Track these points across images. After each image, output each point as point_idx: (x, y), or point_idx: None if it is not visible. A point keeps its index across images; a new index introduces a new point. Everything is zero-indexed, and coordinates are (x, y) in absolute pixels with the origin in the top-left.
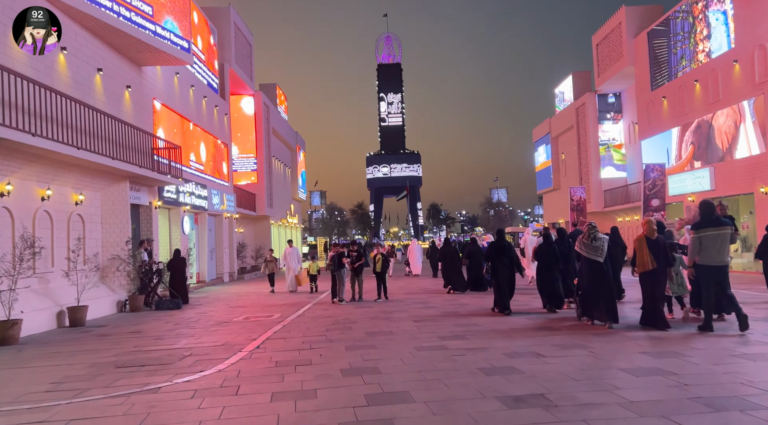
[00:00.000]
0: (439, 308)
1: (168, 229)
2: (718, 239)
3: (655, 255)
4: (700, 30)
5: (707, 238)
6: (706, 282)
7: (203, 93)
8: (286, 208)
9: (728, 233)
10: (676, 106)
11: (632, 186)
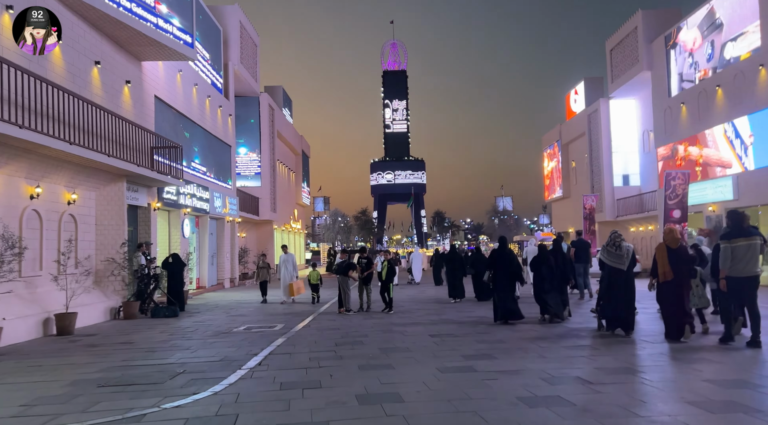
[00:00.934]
0: (456, 321)
1: (168, 232)
2: (749, 250)
3: (675, 265)
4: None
5: (738, 249)
6: (732, 293)
7: (207, 92)
8: (289, 212)
9: (758, 243)
10: (697, 113)
11: (646, 195)
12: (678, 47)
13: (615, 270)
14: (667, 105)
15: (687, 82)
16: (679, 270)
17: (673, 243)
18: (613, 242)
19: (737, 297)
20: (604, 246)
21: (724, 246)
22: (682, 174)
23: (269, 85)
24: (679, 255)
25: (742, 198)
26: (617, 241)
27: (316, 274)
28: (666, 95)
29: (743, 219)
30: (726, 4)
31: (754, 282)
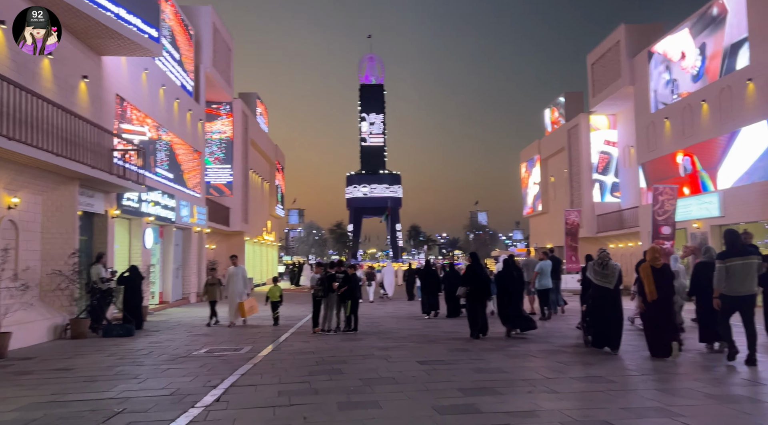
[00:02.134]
0: (442, 342)
1: (128, 242)
2: (744, 268)
3: (659, 284)
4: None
5: (734, 268)
6: (726, 312)
7: (176, 94)
8: (262, 224)
9: (755, 262)
10: (681, 128)
11: (626, 211)
12: (659, 60)
13: (602, 288)
14: (650, 120)
15: (672, 96)
16: (664, 289)
17: (656, 262)
18: (600, 261)
19: (726, 315)
20: (590, 265)
21: (718, 266)
22: (670, 188)
23: (244, 91)
24: (663, 273)
25: (728, 214)
26: (605, 260)
27: (278, 290)
28: (649, 110)
29: (738, 239)
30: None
31: (750, 301)
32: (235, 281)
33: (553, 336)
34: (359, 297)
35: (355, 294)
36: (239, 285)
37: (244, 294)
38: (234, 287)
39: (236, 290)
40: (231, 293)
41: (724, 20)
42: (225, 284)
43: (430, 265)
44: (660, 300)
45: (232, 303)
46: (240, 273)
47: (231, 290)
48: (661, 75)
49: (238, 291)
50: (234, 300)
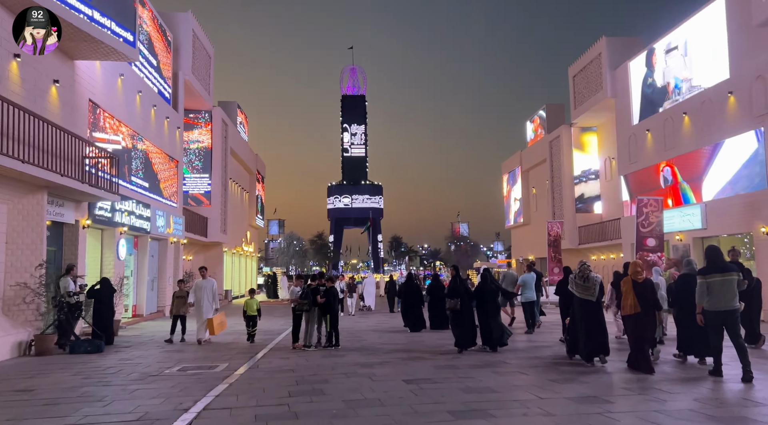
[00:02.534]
0: (429, 359)
1: (100, 254)
2: (725, 284)
3: (641, 298)
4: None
5: (714, 284)
6: (714, 327)
7: (152, 101)
8: (241, 234)
9: (735, 279)
10: (662, 141)
11: (608, 223)
12: (643, 74)
13: (584, 301)
14: (632, 132)
15: (653, 109)
16: (645, 303)
17: (636, 276)
18: (582, 273)
19: (715, 330)
20: (571, 278)
21: (700, 282)
22: (654, 200)
23: (224, 100)
24: (644, 287)
25: (710, 227)
26: (585, 273)
27: (255, 303)
28: (630, 122)
29: (719, 255)
30: (692, 31)
31: (732, 316)
32: (203, 295)
33: (538, 349)
34: (338, 311)
35: (333, 307)
36: (208, 299)
37: (212, 309)
38: (202, 301)
39: (204, 304)
40: (198, 308)
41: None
42: (192, 298)
43: (412, 278)
44: (642, 314)
45: (200, 319)
46: (209, 287)
47: (198, 305)
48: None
49: (207, 306)
50: (202, 316)
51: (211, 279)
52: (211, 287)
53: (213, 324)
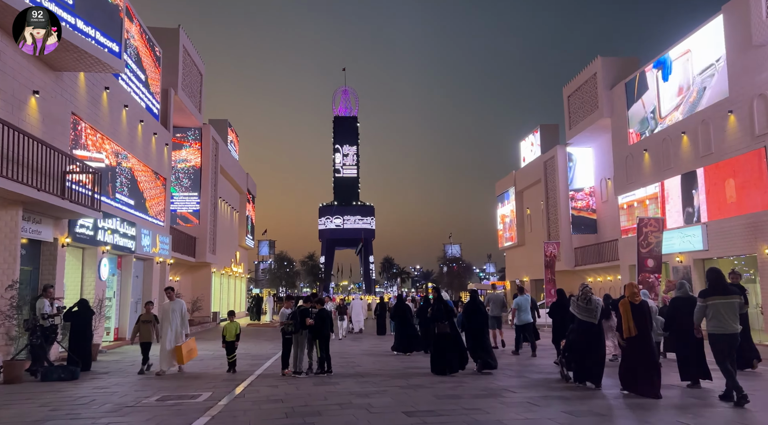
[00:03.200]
0: (428, 387)
1: (80, 274)
2: (727, 307)
3: (638, 320)
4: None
5: (715, 307)
6: (720, 350)
7: (140, 116)
8: (231, 255)
9: (736, 302)
10: (660, 160)
11: (604, 244)
12: (640, 94)
13: (586, 323)
14: (629, 152)
15: (651, 128)
16: (643, 325)
17: (635, 298)
18: (584, 296)
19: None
20: (574, 300)
21: (700, 304)
22: (655, 220)
23: (214, 118)
24: (642, 309)
25: (712, 248)
26: (588, 295)
27: (235, 328)
28: (626, 142)
29: (720, 278)
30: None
31: (734, 339)
32: (171, 319)
33: (536, 374)
34: (329, 335)
35: (324, 331)
36: (175, 324)
37: (182, 336)
38: (169, 327)
39: (171, 330)
40: (164, 334)
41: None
42: (159, 322)
43: (402, 300)
44: (639, 336)
45: (164, 347)
46: (178, 309)
47: (165, 330)
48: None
49: (174, 332)
50: (169, 343)
51: (180, 300)
52: (180, 310)
53: (182, 352)
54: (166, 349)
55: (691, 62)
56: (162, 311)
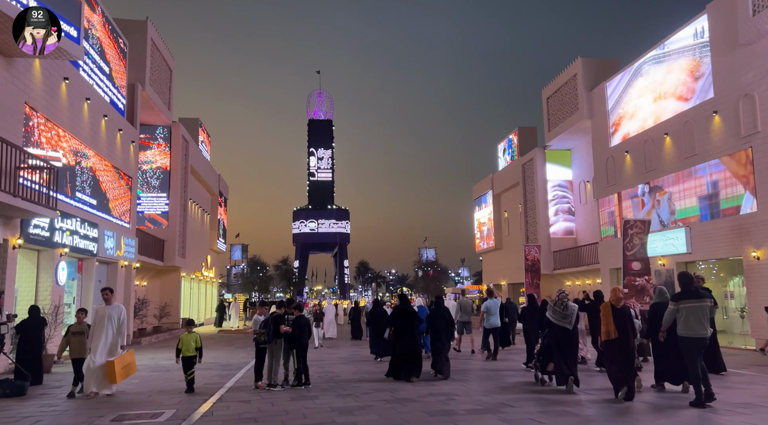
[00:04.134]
0: (417, 401)
1: (35, 278)
2: (699, 311)
3: (620, 324)
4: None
5: (687, 310)
6: (690, 354)
7: (103, 111)
8: (201, 259)
9: (708, 305)
10: (642, 162)
11: (583, 248)
12: (620, 95)
13: (561, 328)
14: (609, 154)
15: (632, 130)
16: (624, 329)
17: (617, 302)
18: (560, 301)
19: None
20: (550, 306)
21: (671, 308)
22: (641, 222)
23: (185, 117)
24: (623, 314)
25: (696, 251)
26: (564, 301)
27: (193, 340)
28: (608, 144)
29: (691, 281)
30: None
31: (704, 343)
32: (105, 327)
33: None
34: (307, 344)
35: (302, 340)
36: (109, 335)
37: (117, 348)
38: (102, 337)
39: (106, 341)
40: (95, 346)
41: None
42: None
43: (380, 305)
44: (620, 339)
45: (95, 363)
46: (115, 316)
47: (97, 341)
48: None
49: (108, 343)
50: (99, 359)
51: (118, 304)
52: (118, 316)
53: (115, 369)
54: (95, 365)
55: (673, 62)
56: (96, 317)
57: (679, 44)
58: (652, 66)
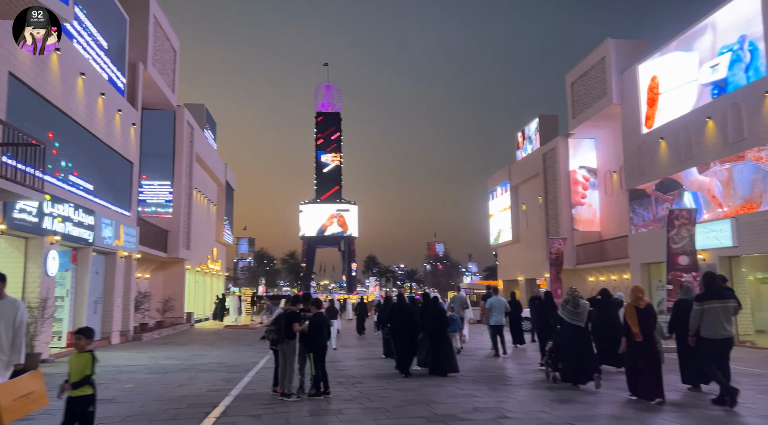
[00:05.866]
0: (461, 418)
1: (22, 268)
2: (723, 312)
3: (644, 325)
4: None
5: (711, 311)
6: (708, 355)
7: (100, 89)
8: (207, 251)
9: (732, 306)
10: (679, 149)
11: (608, 242)
12: (656, 77)
13: (574, 326)
14: (642, 141)
15: (668, 114)
16: (648, 330)
17: (640, 302)
18: (573, 299)
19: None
20: (563, 304)
21: (695, 308)
22: (687, 212)
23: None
24: (647, 314)
25: (743, 245)
26: (576, 299)
27: (83, 364)
28: (639, 130)
29: (716, 281)
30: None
31: (728, 344)
32: None
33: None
34: (326, 346)
35: (319, 342)
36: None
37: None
38: None
39: None
40: None
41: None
42: None
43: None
44: (644, 341)
45: None
46: (8, 316)
47: None
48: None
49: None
50: None
51: (15, 300)
52: (14, 317)
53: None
54: None
55: (716, 41)
56: None
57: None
58: (689, 45)
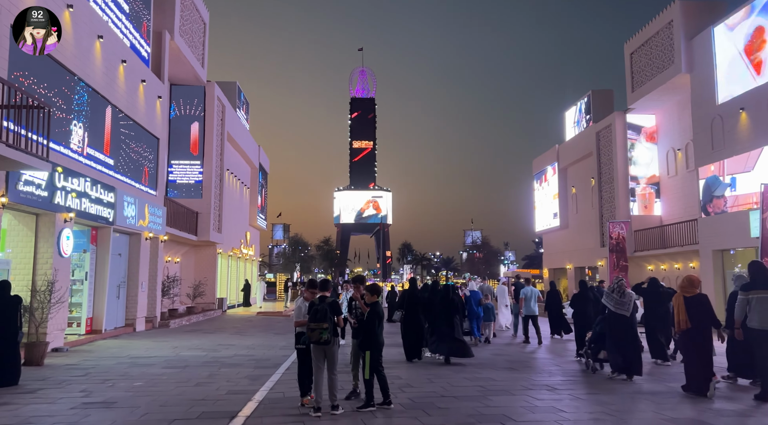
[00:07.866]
0: None
1: (33, 247)
2: None
3: (692, 314)
4: None
5: (759, 301)
6: (761, 346)
7: (122, 56)
8: (240, 235)
9: None
10: (765, 121)
11: (669, 227)
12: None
13: (618, 315)
14: (716, 113)
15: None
16: (698, 319)
17: (687, 291)
18: (619, 288)
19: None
20: (607, 292)
21: (740, 298)
22: None
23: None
24: (698, 302)
25: None
26: (622, 288)
27: None
28: (713, 101)
29: (763, 271)
30: None
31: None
32: None
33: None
34: (382, 342)
35: (378, 338)
36: None
37: None
38: None
39: None
40: None
41: None
42: None
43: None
44: (693, 330)
45: None
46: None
47: None
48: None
49: None
50: None
51: None
52: None
53: None
54: None
55: None
56: None
57: None
58: None
